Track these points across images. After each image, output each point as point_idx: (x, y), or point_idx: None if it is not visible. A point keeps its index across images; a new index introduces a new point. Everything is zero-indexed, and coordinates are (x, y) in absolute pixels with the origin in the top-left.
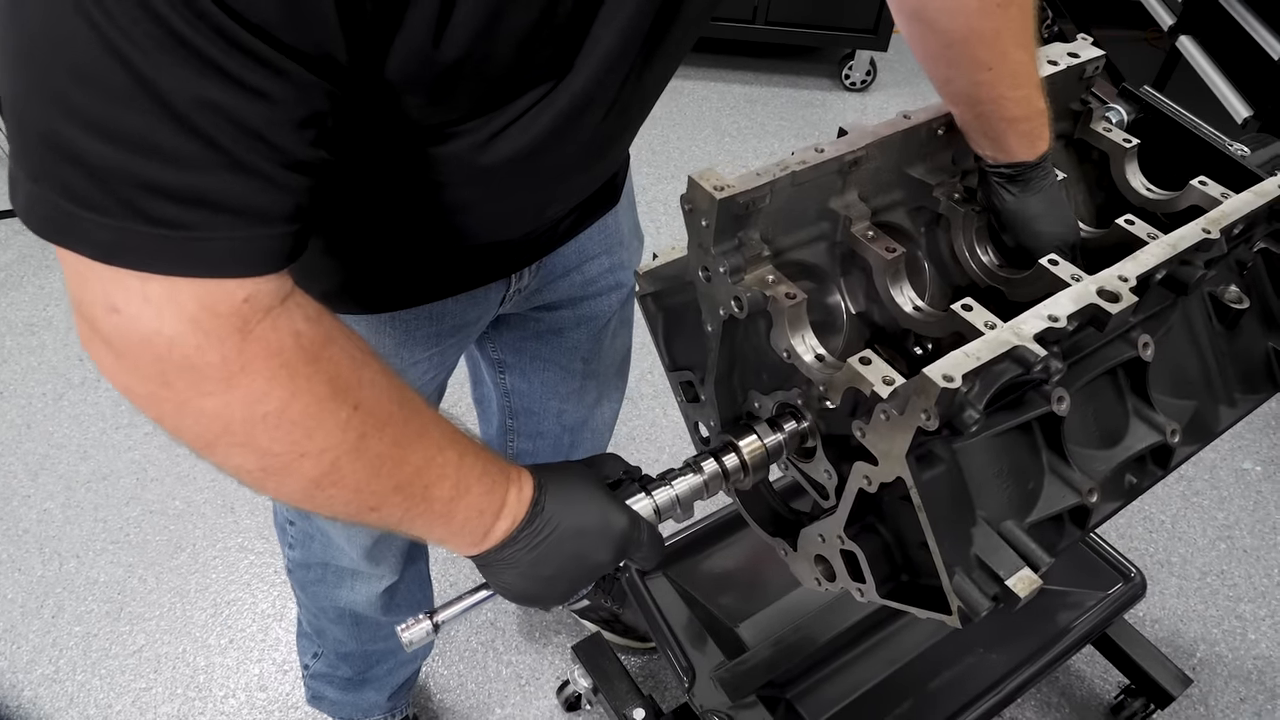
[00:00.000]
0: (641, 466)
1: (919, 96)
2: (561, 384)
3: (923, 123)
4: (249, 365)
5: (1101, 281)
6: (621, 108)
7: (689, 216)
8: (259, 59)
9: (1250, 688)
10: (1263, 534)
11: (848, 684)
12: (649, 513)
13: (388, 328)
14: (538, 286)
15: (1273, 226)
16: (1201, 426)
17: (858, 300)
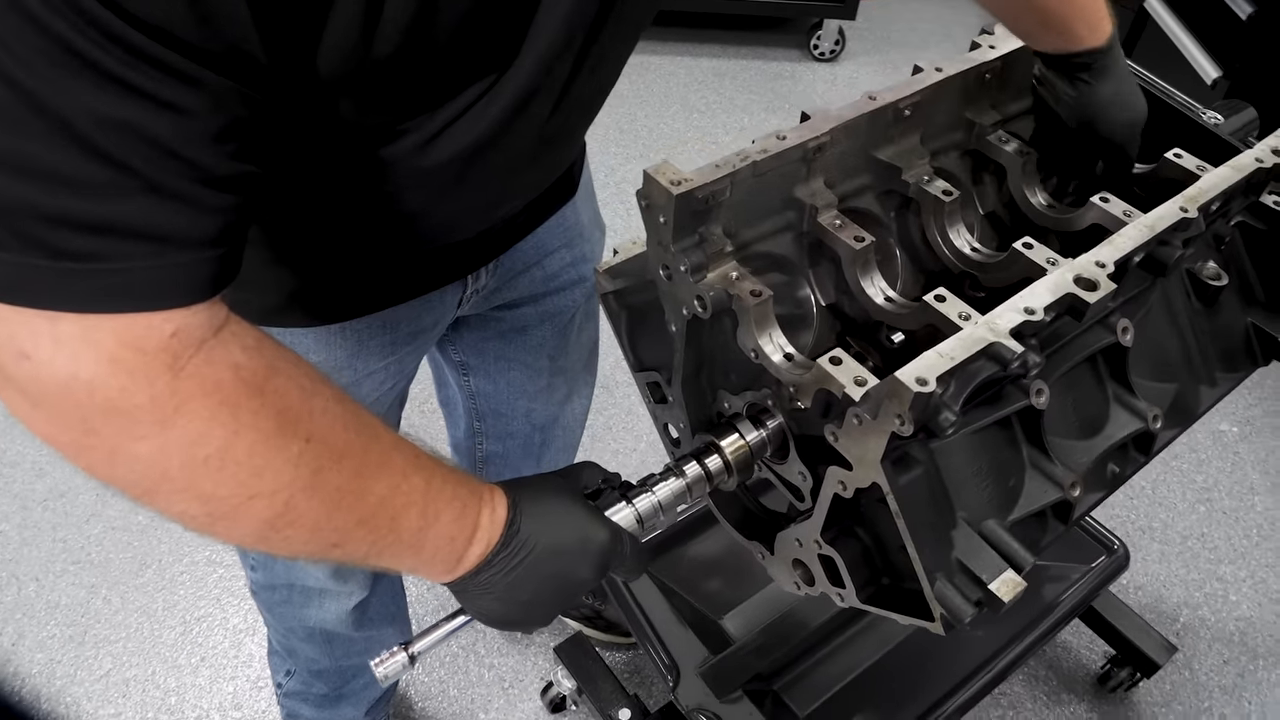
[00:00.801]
0: (620, 454)
1: (889, 65)
2: (529, 383)
3: (889, 103)
4: (184, 405)
5: (1079, 269)
6: (573, 98)
7: (646, 213)
8: (166, 67)
9: (1233, 650)
10: (1240, 495)
11: (835, 672)
12: (630, 522)
13: (338, 339)
14: (497, 286)
15: (1250, 199)
16: (1183, 409)
17: (827, 292)
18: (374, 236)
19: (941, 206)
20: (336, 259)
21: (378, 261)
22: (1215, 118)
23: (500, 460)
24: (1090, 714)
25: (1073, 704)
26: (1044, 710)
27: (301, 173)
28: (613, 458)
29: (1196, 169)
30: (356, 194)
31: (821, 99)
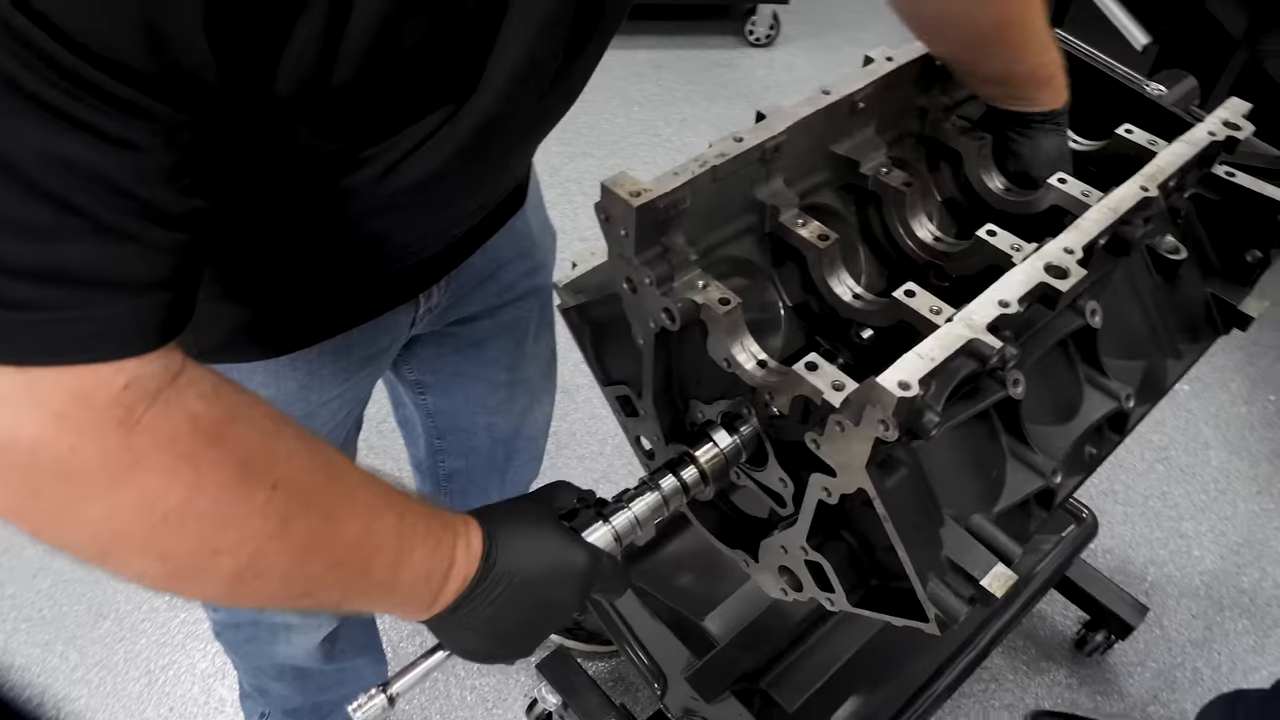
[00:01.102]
0: (585, 459)
1: (825, 47)
2: (488, 397)
3: (843, 97)
4: (139, 461)
5: (1048, 257)
6: (537, 118)
7: (606, 226)
8: (116, 101)
9: (1200, 603)
10: (1196, 451)
11: (821, 663)
12: (608, 541)
13: (289, 370)
14: (451, 302)
15: (1202, 172)
16: (1153, 384)
17: (794, 292)
18: (328, 264)
19: (902, 197)
20: (287, 289)
21: (329, 289)
22: (1158, 89)
23: (464, 477)
24: (1070, 679)
25: (1052, 671)
26: (1025, 680)
27: (256, 203)
28: (578, 464)
29: (1148, 144)
30: (312, 223)
31: (760, 84)
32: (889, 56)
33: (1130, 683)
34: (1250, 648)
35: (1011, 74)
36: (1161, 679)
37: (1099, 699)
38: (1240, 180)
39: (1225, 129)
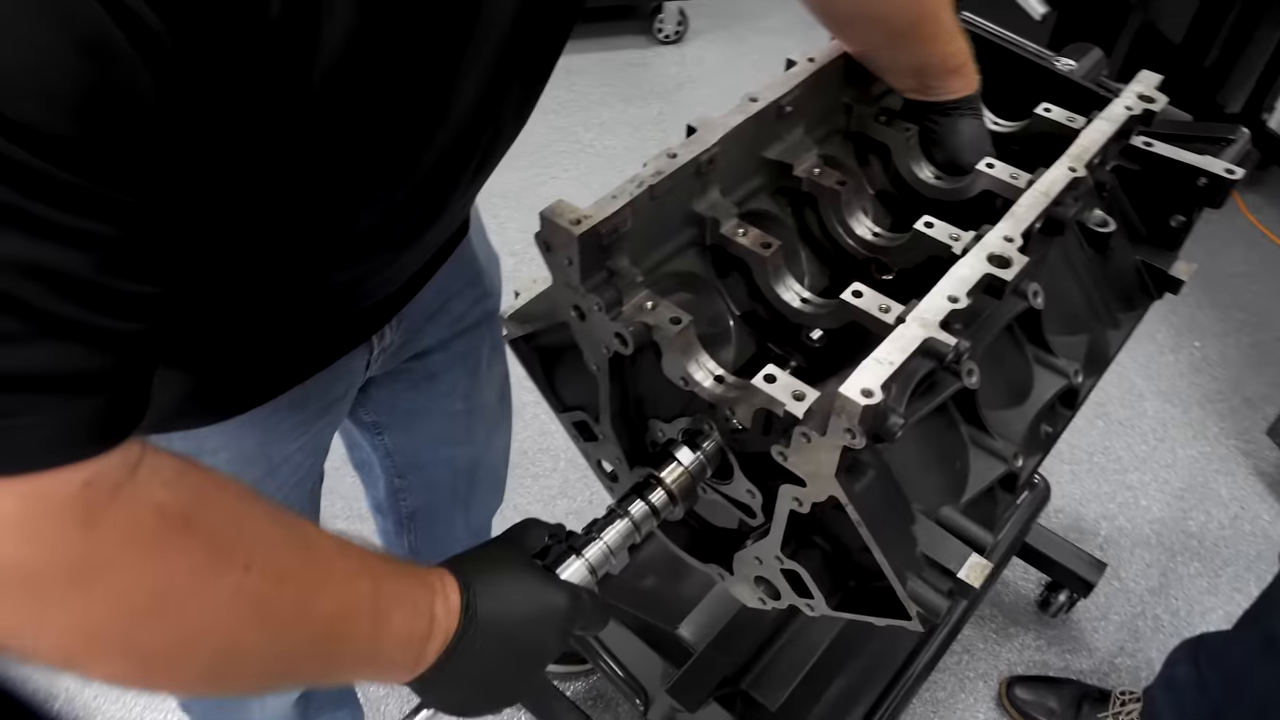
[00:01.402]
0: (540, 476)
1: (734, 39)
2: (447, 430)
3: (770, 103)
4: (105, 560)
5: (989, 247)
6: (492, 150)
7: (549, 256)
8: (63, 190)
9: (1153, 552)
10: (1131, 403)
11: (799, 657)
12: (584, 576)
13: (245, 430)
14: (403, 340)
15: (1122, 144)
16: (1097, 356)
17: (741, 301)
18: (284, 319)
19: (837, 197)
20: (240, 349)
21: (285, 343)
22: (1068, 64)
23: (427, 513)
24: (1038, 641)
25: (1020, 635)
26: (995, 647)
27: (213, 274)
28: (533, 482)
29: (1067, 121)
30: (269, 280)
31: (674, 81)
32: (810, 58)
33: (1096, 637)
34: (1204, 589)
35: (925, 65)
36: (1125, 630)
37: (1068, 657)
38: (1158, 149)
39: (1141, 103)
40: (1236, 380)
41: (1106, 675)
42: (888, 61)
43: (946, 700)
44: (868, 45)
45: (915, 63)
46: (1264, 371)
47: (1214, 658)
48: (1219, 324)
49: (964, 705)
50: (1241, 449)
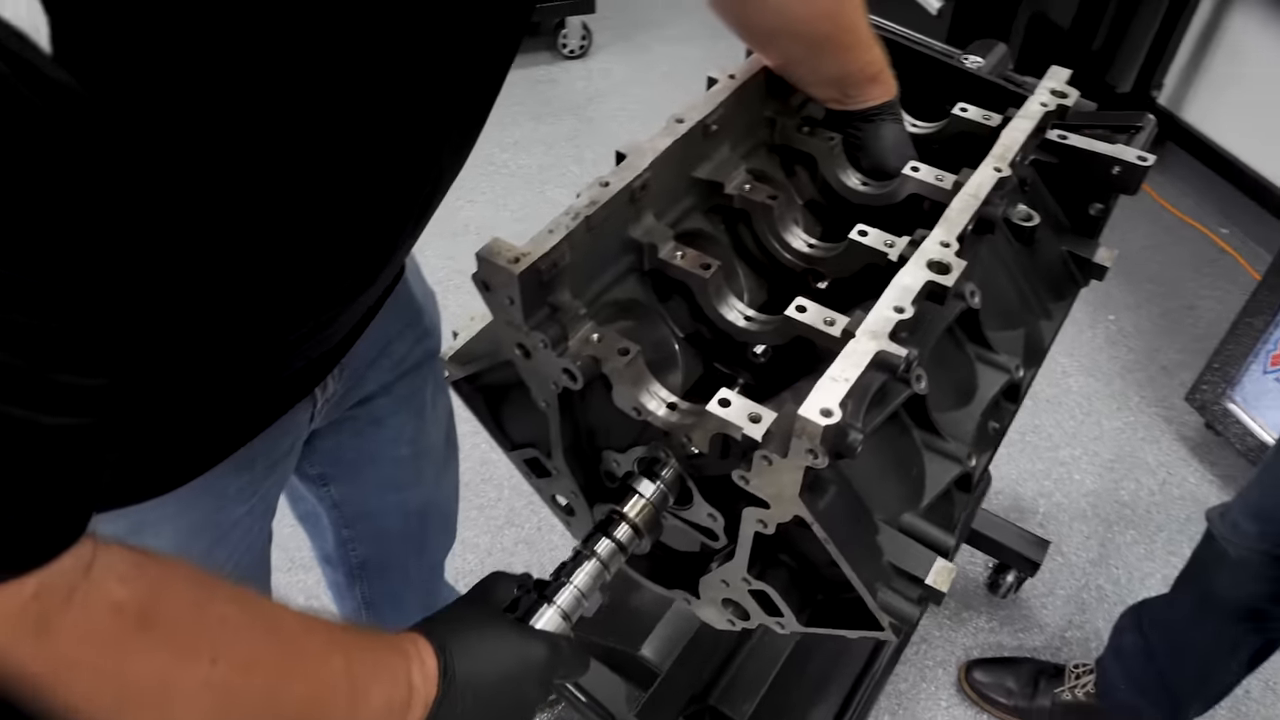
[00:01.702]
0: (485, 508)
1: (638, 48)
2: (395, 474)
3: (697, 123)
4: (62, 667)
5: (928, 254)
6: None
7: (489, 296)
8: (12, 291)
9: (1090, 524)
10: (1056, 380)
11: (763, 667)
12: (558, 624)
13: (190, 499)
14: (346, 389)
15: (1039, 139)
16: (1034, 348)
17: (684, 323)
18: (225, 385)
19: (770, 211)
20: (180, 420)
21: (227, 407)
22: (976, 60)
23: (379, 561)
24: (990, 623)
25: (973, 619)
26: (951, 634)
27: (158, 355)
28: (478, 514)
29: (983, 119)
30: (210, 353)
31: (583, 95)
32: (731, 75)
33: (1045, 614)
34: (1142, 555)
35: (844, 75)
36: (1072, 603)
37: (1021, 636)
38: (1073, 141)
39: (1055, 98)
40: (1152, 350)
41: (1059, 650)
42: (808, 73)
43: (909, 691)
44: (788, 58)
45: (835, 73)
46: (1176, 339)
47: (1156, 623)
48: (1130, 296)
49: (926, 694)
50: (1163, 415)
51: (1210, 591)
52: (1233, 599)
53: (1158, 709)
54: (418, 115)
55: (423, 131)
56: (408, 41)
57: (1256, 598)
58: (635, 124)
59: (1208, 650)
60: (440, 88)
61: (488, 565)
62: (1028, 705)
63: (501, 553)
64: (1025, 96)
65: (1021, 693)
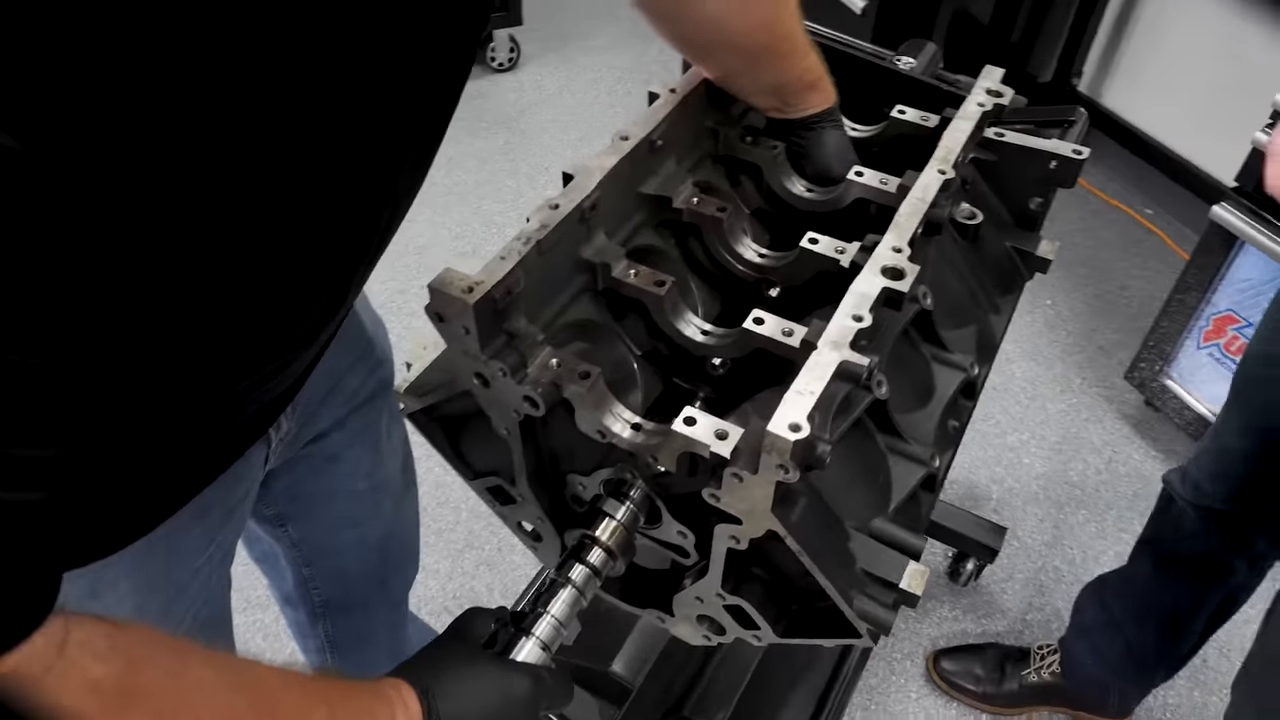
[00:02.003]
0: (443, 532)
1: (567, 59)
2: (353, 510)
3: (642, 140)
4: None
5: (881, 260)
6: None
7: (443, 328)
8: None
9: (1042, 507)
10: (1001, 367)
11: (735, 674)
12: (539, 655)
13: (146, 554)
14: (299, 427)
15: (977, 138)
16: (987, 344)
17: (641, 340)
18: (178, 436)
19: (720, 224)
20: (132, 475)
21: (180, 458)
22: (909, 61)
23: (342, 599)
24: (954, 612)
25: (937, 610)
26: (916, 626)
27: (112, 418)
28: (437, 539)
29: (922, 120)
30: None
31: (515, 108)
32: (672, 89)
33: (1005, 598)
34: (1094, 534)
35: (784, 84)
36: (1030, 586)
37: (984, 622)
38: (1010, 139)
39: (991, 98)
40: (1089, 331)
41: (1021, 633)
42: (748, 83)
43: (879, 686)
44: (727, 70)
45: (774, 82)
46: (1111, 319)
47: (1117, 595)
48: (1065, 280)
49: (896, 687)
50: (1104, 395)
51: (1171, 553)
52: (1193, 555)
53: (1124, 679)
54: (371, 148)
55: (377, 164)
56: (359, 75)
57: (1217, 551)
58: (569, 134)
59: (1172, 612)
60: (392, 121)
61: (449, 591)
62: (996, 690)
63: (463, 576)
64: (959, 96)
65: (989, 678)
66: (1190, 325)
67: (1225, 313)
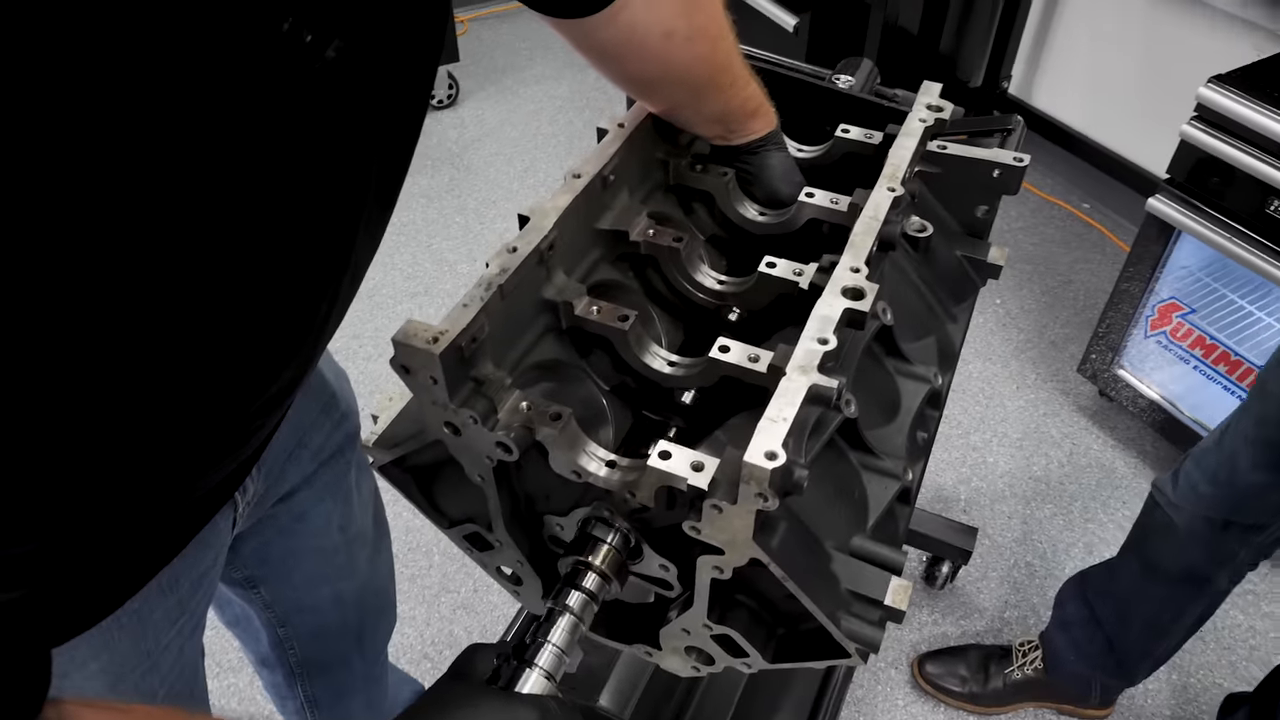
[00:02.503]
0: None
1: (506, 92)
2: (327, 567)
3: (594, 175)
4: None
5: (841, 282)
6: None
7: (410, 379)
8: None
9: (1010, 504)
10: (957, 369)
11: (723, 699)
12: (544, 685)
13: (116, 630)
14: (266, 488)
15: (922, 152)
16: (947, 353)
17: (608, 376)
18: (142, 510)
19: (677, 254)
20: (97, 553)
21: (145, 532)
22: (848, 79)
23: (319, 658)
24: (933, 615)
25: (917, 615)
26: (897, 632)
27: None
28: (410, 585)
29: (865, 138)
30: (125, 496)
31: (458, 144)
32: (620, 124)
33: (982, 598)
34: (1061, 527)
35: (727, 113)
36: (1005, 584)
37: (964, 624)
38: (953, 150)
39: (932, 113)
40: (1040, 327)
41: (1000, 631)
42: (692, 115)
43: (866, 697)
44: (671, 103)
45: (717, 111)
46: (1059, 314)
47: (1100, 591)
48: (1012, 279)
49: (883, 696)
50: (1060, 389)
51: (1155, 561)
52: (1178, 566)
53: (1106, 673)
54: (325, 218)
55: (331, 234)
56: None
57: (1201, 564)
58: (513, 166)
59: (1154, 616)
60: (343, 191)
61: (428, 637)
62: (981, 690)
63: (441, 621)
64: (900, 111)
65: (974, 678)
66: (1136, 315)
67: (1169, 300)
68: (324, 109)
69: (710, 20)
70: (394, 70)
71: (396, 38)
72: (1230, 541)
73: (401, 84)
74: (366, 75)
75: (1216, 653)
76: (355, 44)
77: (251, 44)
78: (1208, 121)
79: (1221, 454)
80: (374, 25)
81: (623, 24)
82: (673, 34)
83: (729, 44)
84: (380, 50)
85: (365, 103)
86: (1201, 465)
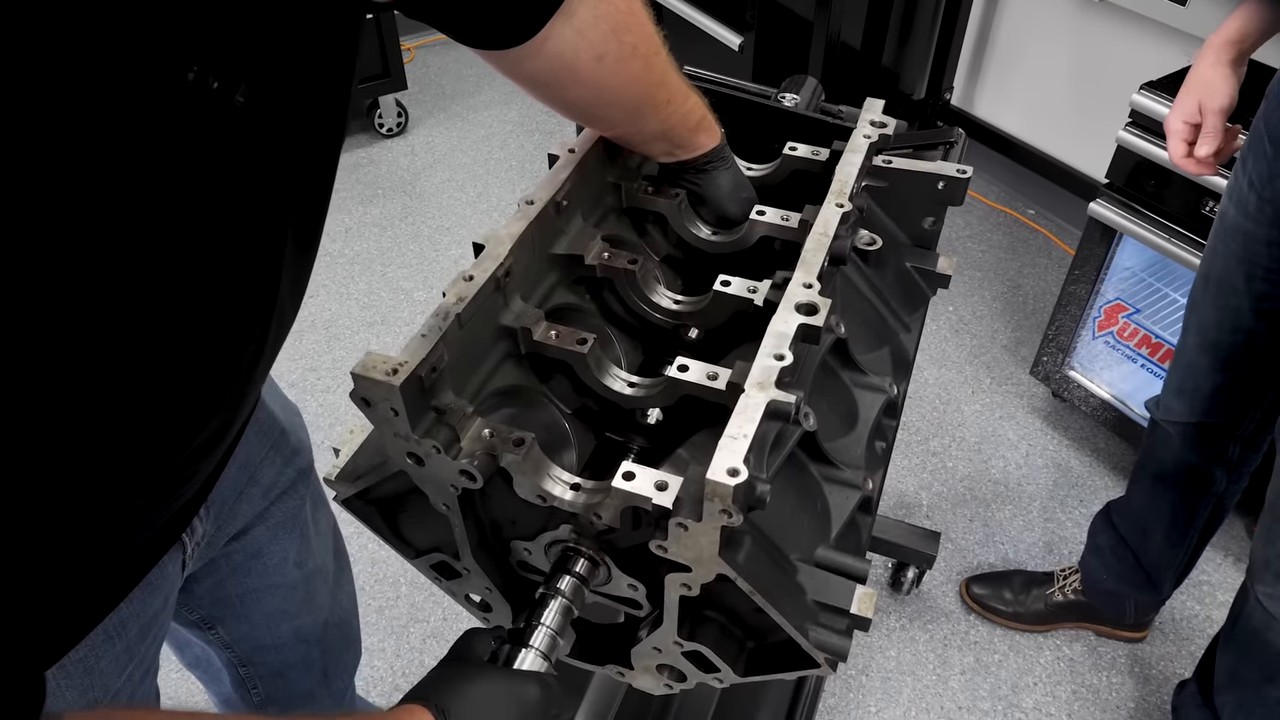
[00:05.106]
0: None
1: (456, 118)
2: (286, 603)
3: (547, 201)
4: None
5: (795, 298)
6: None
7: (370, 412)
8: None
9: (970, 507)
10: (913, 376)
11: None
12: (541, 665)
13: (61, 680)
14: (216, 527)
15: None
16: (902, 362)
17: (569, 399)
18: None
19: (633, 276)
20: (36, 606)
21: (86, 578)
22: (793, 98)
23: (284, 695)
24: (900, 621)
25: (885, 622)
26: (868, 641)
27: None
28: (378, 616)
29: (813, 154)
30: (59, 543)
31: (409, 172)
32: (570, 149)
33: (947, 601)
34: (1022, 527)
35: (668, 129)
36: None
37: (931, 628)
38: (898, 164)
39: (876, 129)
40: (991, 332)
41: (967, 633)
42: (634, 134)
43: (839, 705)
44: (611, 125)
45: (659, 129)
46: (1010, 318)
47: (1122, 515)
48: (962, 286)
49: (855, 704)
50: (1014, 392)
51: (1160, 471)
52: (1180, 472)
53: (1137, 589)
54: (246, 251)
55: (253, 265)
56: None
57: (1199, 462)
58: (466, 193)
59: (1169, 524)
60: (265, 229)
61: (398, 669)
62: (1024, 610)
63: (411, 652)
64: (845, 128)
65: (1017, 599)
66: (1084, 316)
67: (1114, 301)
68: (234, 154)
69: (640, 38)
70: (305, 112)
71: (306, 80)
72: (1216, 437)
73: (314, 125)
74: (277, 119)
75: (1175, 643)
76: (264, 89)
77: (155, 93)
78: (1142, 127)
79: (1179, 368)
80: (282, 69)
81: (550, 54)
82: (604, 56)
83: (662, 60)
84: (290, 93)
85: (277, 146)
86: (1169, 383)
